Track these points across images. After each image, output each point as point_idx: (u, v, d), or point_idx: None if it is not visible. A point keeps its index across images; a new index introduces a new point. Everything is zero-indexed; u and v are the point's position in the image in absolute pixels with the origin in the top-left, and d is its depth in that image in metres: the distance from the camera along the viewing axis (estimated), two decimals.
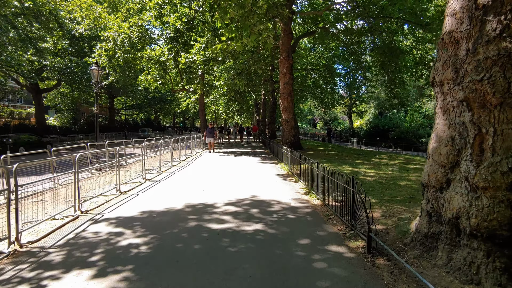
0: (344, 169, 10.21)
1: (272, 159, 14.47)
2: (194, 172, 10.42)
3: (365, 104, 40.12)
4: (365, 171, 9.81)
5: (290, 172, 9.98)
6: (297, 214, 5.34)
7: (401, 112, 30.50)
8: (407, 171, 10.03)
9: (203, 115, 28.33)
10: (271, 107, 32.37)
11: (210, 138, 17.18)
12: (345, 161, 12.83)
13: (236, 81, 14.52)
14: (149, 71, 27.85)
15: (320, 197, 6.22)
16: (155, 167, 11.06)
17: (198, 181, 8.61)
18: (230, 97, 19.65)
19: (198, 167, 11.80)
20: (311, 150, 18.67)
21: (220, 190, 7.26)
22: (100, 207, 5.99)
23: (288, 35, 17.32)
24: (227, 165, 12.11)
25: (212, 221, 4.95)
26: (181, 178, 9.21)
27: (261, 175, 9.49)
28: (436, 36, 14.04)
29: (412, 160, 13.73)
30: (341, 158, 14.10)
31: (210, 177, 9.16)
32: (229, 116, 48.83)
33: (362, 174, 9.28)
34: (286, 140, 17.48)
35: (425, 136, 23.69)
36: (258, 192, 7.03)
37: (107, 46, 23.59)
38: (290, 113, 17.63)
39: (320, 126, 66.69)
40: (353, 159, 13.65)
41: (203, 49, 15.64)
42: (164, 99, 48.35)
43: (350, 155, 15.55)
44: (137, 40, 23.46)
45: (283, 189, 7.48)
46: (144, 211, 5.56)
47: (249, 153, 17.36)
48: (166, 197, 6.63)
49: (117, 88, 43.19)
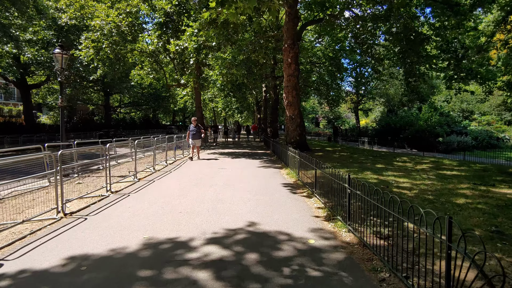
0: (366, 177, 8.07)
1: (275, 162, 12.34)
2: (177, 180, 8.29)
3: (371, 101, 37.87)
4: (396, 180, 7.66)
5: (300, 181, 7.85)
6: (324, 265, 3.20)
7: (412, 109, 28.28)
8: (450, 180, 7.87)
9: (200, 112, 26.15)
10: (273, 104, 30.21)
11: (194, 139, 12.72)
12: (363, 165, 10.68)
13: (234, 71, 12.35)
14: (142, 66, 25.79)
15: (353, 227, 4.08)
16: (131, 172, 8.94)
17: (178, 195, 6.49)
18: (227, 92, 17.41)
19: (185, 173, 9.67)
20: (318, 151, 16.52)
21: (204, 213, 5.13)
22: (15, 245, 3.86)
23: (293, 20, 15.13)
24: (221, 170, 9.98)
25: (177, 285, 2.82)
26: (157, 189, 7.09)
27: (262, 186, 7.35)
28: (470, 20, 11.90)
29: (442, 164, 11.57)
30: (356, 161, 11.95)
31: (195, 189, 7.03)
32: (228, 114, 46.80)
33: (393, 184, 7.14)
34: (291, 139, 15.34)
35: (443, 136, 21.53)
36: (258, 216, 4.90)
37: (93, 36, 21.51)
38: (296, 109, 15.47)
39: (323, 124, 64.61)
40: (371, 162, 11.50)
41: (195, 34, 13.47)
42: (159, 96, 46.08)
43: (365, 157, 13.39)
44: (126, 29, 21.36)
45: (293, 209, 5.35)
46: (74, 257, 3.43)
47: (248, 155, 15.23)
48: (122, 225, 4.51)
49: (112, 84, 41.17)
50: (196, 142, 12.82)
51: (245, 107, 38.64)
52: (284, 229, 4.30)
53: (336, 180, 4.80)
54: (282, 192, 6.69)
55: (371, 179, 7.85)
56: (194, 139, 12.75)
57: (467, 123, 24.43)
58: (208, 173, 9.39)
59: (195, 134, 12.67)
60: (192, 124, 12.95)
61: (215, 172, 9.58)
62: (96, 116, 56.15)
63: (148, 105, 56.04)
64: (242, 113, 49.36)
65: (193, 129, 12.75)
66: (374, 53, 20.59)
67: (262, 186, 7.37)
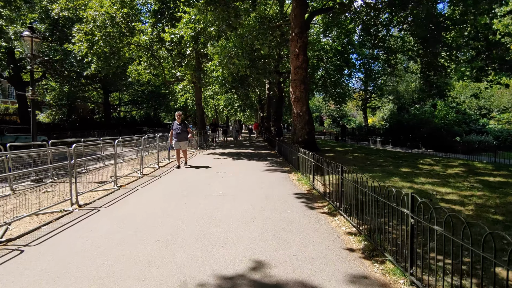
0: (397, 184, 6.58)
1: (282, 164, 10.86)
2: (165, 189, 6.84)
3: (379, 99, 36.17)
4: (437, 190, 6.14)
5: (315, 190, 6.36)
6: None
7: (425, 106, 26.62)
8: (502, 190, 6.33)
9: (200, 110, 24.73)
10: (277, 101, 28.69)
11: (180, 140, 9.92)
12: (385, 168, 9.17)
13: (235, 60, 10.85)
14: (140, 61, 24.36)
15: (418, 278, 2.59)
16: (114, 178, 7.49)
17: (161, 211, 5.03)
18: (229, 87, 15.88)
19: (177, 179, 8.21)
20: (328, 151, 15.01)
21: (190, 243, 3.66)
22: None
23: (301, 6, 13.62)
24: (219, 175, 8.52)
25: None
26: (137, 202, 5.64)
27: (269, 197, 5.87)
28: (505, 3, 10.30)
29: (475, 167, 10.01)
30: (374, 163, 10.43)
31: (185, 202, 5.57)
32: (230, 112, 45.35)
33: (436, 196, 5.64)
34: (298, 138, 13.85)
35: (462, 135, 19.90)
36: (267, 249, 3.42)
37: (86, 28, 20.12)
38: (304, 105, 13.98)
39: (328, 123, 63.04)
40: (392, 165, 9.97)
41: (192, 21, 11.99)
42: (159, 93, 44.63)
43: (383, 159, 11.86)
44: (121, 21, 19.93)
45: (314, 236, 3.86)
46: None
47: (251, 156, 13.76)
48: (61, 270, 3.05)
49: (111, 82, 39.84)
50: (181, 144, 9.93)
51: (248, 105, 37.13)
52: (308, 276, 2.82)
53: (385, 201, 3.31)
54: (295, 207, 5.20)
55: (404, 187, 6.34)
56: (179, 140, 9.86)
57: (485, 121, 22.80)
58: (203, 178, 7.92)
59: (180, 133, 9.84)
60: (176, 121, 10.04)
61: (212, 177, 8.11)
62: (96, 114, 54.99)
63: (149, 103, 54.73)
64: (244, 112, 47.89)
65: (177, 127, 9.89)
66: (387, 46, 19.00)
67: (269, 197, 5.89)
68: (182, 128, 9.97)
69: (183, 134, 9.96)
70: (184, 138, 9.99)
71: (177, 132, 9.89)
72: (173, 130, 9.94)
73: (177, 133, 9.88)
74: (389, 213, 3.20)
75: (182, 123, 10.05)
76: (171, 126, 10.09)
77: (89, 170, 9.19)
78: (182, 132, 9.93)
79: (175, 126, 9.96)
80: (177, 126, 9.96)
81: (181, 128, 9.93)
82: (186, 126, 10.23)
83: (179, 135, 9.88)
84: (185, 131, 10.09)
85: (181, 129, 9.92)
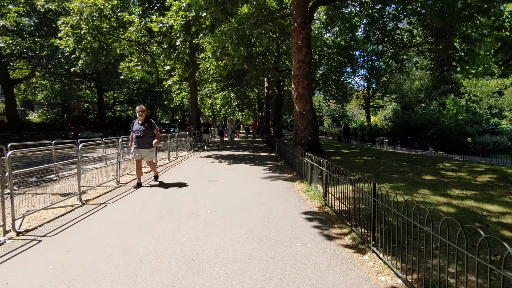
0: (428, 199, 5.28)
1: (284, 169, 9.53)
2: (140, 205, 5.49)
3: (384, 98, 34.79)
4: (483, 208, 4.82)
5: (328, 206, 5.04)
6: None
7: (431, 106, 25.35)
8: None
9: (195, 109, 23.36)
10: (277, 100, 27.34)
11: (140, 147, 6.98)
12: (404, 176, 7.86)
13: (230, 51, 9.49)
14: (132, 58, 22.96)
15: None
16: (93, 186, 6.15)
17: (124, 242, 3.68)
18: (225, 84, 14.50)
19: (158, 190, 6.85)
20: (333, 153, 13.70)
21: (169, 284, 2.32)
22: None
23: None
24: (210, 185, 7.18)
25: None
26: (98, 226, 4.28)
27: (271, 219, 4.53)
28: None
29: (507, 173, 8.70)
30: (389, 168, 9.11)
31: (161, 226, 4.23)
32: (228, 111, 43.99)
33: (488, 217, 4.32)
34: (301, 140, 12.56)
35: (475, 135, 18.62)
36: None
37: (71, 21, 18.73)
38: (307, 103, 12.67)
39: (327, 123, 61.86)
40: (411, 171, 8.65)
41: (182, 9, 10.64)
42: (154, 91, 43.17)
43: (397, 163, 10.54)
44: (110, 13, 18.55)
45: None
46: None
47: (249, 159, 12.42)
48: None
49: (103, 80, 38.40)
50: (144, 153, 6.97)
51: (246, 104, 35.81)
52: None
53: (454, 245, 1.97)
54: (307, 236, 3.86)
55: (440, 204, 5.03)
56: (140, 147, 6.90)
57: (497, 121, 21.56)
58: (190, 189, 6.58)
59: (141, 137, 6.86)
60: (137, 119, 7.02)
61: (202, 188, 6.77)
62: (91, 114, 53.50)
63: (144, 103, 53.27)
64: (243, 111, 46.59)
65: (138, 128, 6.90)
66: (395, 39, 17.72)
67: (271, 218, 4.55)
68: (145, 129, 6.91)
69: (146, 138, 6.91)
70: (147, 144, 6.93)
71: (137, 136, 6.87)
72: (133, 132, 6.99)
73: (138, 137, 6.87)
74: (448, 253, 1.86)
75: (146, 123, 6.98)
76: (131, 127, 7.07)
77: (62, 178, 7.83)
78: (144, 135, 6.88)
79: (135, 127, 6.94)
80: (138, 127, 6.90)
81: (144, 130, 6.88)
82: (152, 126, 7.06)
83: (140, 139, 6.87)
84: (150, 134, 6.98)
85: (143, 131, 6.87)
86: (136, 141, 6.92)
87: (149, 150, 7.07)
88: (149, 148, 7.03)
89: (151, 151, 7.16)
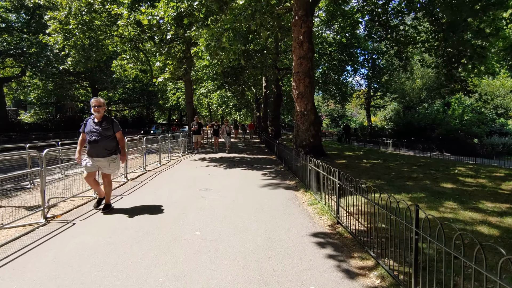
0: (459, 216, 4.45)
1: (284, 174, 8.67)
2: (114, 223, 4.59)
3: (381, 99, 33.98)
4: None
5: (341, 225, 4.17)
6: None
7: (434, 105, 24.56)
8: None
9: (190, 109, 22.46)
10: (275, 100, 26.47)
11: (96, 156, 4.88)
12: (420, 183, 7.01)
13: (225, 44, 8.59)
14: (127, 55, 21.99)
15: None
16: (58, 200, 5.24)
17: (97, 277, 2.78)
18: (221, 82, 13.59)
19: (140, 201, 5.95)
20: (336, 156, 12.86)
21: None
22: None
23: None
24: (202, 194, 6.28)
25: None
26: (50, 261, 3.38)
27: (272, 247, 3.65)
28: None
29: None
30: (400, 174, 8.26)
31: (127, 263, 3.33)
32: (225, 111, 43.09)
33: None
34: (302, 142, 11.70)
35: (483, 136, 17.85)
36: None
37: (59, 16, 17.79)
38: (309, 102, 11.82)
39: (326, 123, 61.11)
40: (426, 178, 7.81)
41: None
42: (150, 91, 42.16)
43: (408, 167, 9.69)
44: (101, 7, 17.60)
45: None
46: None
47: (247, 162, 11.54)
48: None
49: (96, 78, 37.34)
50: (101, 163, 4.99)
51: (244, 103, 34.92)
52: None
53: None
54: (321, 273, 2.98)
55: (474, 222, 4.18)
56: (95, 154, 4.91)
57: (503, 121, 20.82)
58: (178, 201, 5.68)
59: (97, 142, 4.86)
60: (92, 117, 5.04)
61: (192, 199, 5.88)
62: (85, 114, 52.38)
63: (140, 102, 52.27)
64: (240, 111, 45.70)
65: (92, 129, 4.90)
66: (400, 36, 16.89)
67: (272, 243, 3.68)
68: (103, 130, 4.85)
69: (103, 142, 4.85)
70: (105, 150, 4.88)
71: (91, 140, 4.81)
72: (85, 134, 4.92)
73: (92, 141, 4.81)
74: None
75: (105, 122, 4.93)
76: (83, 127, 4.96)
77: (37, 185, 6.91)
78: (102, 138, 4.83)
79: (88, 127, 4.89)
80: (93, 127, 4.86)
81: (100, 132, 4.83)
82: (112, 127, 4.98)
83: (95, 145, 4.81)
84: (109, 136, 4.92)
85: (100, 132, 4.82)
86: (90, 147, 4.87)
87: (109, 160, 4.96)
88: (109, 157, 4.94)
89: (113, 160, 5.02)
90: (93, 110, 4.92)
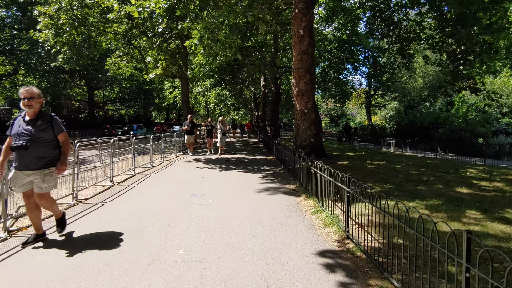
0: (486, 229, 3.83)
1: (284, 177, 8.05)
2: (86, 238, 3.95)
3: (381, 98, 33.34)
4: None
5: (352, 241, 3.54)
6: None
7: (436, 104, 23.99)
8: None
9: (186, 107, 21.75)
10: (274, 99, 25.84)
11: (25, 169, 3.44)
12: (432, 187, 6.40)
13: (220, 36, 7.94)
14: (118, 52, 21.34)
15: None
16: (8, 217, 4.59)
17: None
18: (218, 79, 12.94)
19: (119, 210, 5.31)
20: (338, 157, 12.24)
21: None
22: None
23: None
24: (192, 201, 5.64)
25: None
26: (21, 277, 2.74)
27: (271, 272, 3.01)
28: None
29: None
30: (408, 177, 7.64)
31: (107, 281, 2.68)
32: (223, 111, 42.39)
33: None
34: (303, 142, 11.06)
35: (489, 136, 17.29)
36: None
37: (49, 11, 17.09)
38: (310, 100, 11.18)
39: (325, 123, 60.53)
40: (438, 181, 7.20)
41: None
42: (146, 90, 41.45)
43: (415, 169, 9.09)
44: (91, 2, 16.90)
45: None
46: None
47: (244, 164, 10.90)
48: None
49: (93, 77, 36.60)
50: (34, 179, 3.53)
51: (242, 102, 34.25)
52: None
53: None
54: None
55: (507, 237, 3.56)
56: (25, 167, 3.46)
57: (508, 120, 20.27)
58: (164, 210, 5.03)
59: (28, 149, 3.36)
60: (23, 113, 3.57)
61: (181, 206, 5.23)
62: (82, 113, 51.60)
63: (137, 101, 51.54)
64: (238, 110, 45.02)
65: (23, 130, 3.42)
66: (403, 31, 16.29)
67: (273, 267, 3.04)
68: (36, 132, 3.46)
69: (36, 149, 3.45)
70: (37, 160, 3.49)
71: (19, 145, 3.34)
72: (12, 137, 3.50)
73: (20, 147, 3.34)
74: None
75: (40, 120, 3.52)
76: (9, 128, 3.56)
77: None
78: (33, 143, 3.42)
79: (16, 129, 3.48)
80: (23, 127, 3.46)
81: (32, 133, 3.43)
82: (52, 127, 3.58)
83: (24, 153, 3.41)
84: (45, 141, 3.53)
85: (31, 134, 3.42)
86: (17, 156, 3.49)
87: (44, 173, 3.53)
88: (43, 169, 3.52)
89: (49, 174, 3.57)
90: (23, 104, 3.44)
